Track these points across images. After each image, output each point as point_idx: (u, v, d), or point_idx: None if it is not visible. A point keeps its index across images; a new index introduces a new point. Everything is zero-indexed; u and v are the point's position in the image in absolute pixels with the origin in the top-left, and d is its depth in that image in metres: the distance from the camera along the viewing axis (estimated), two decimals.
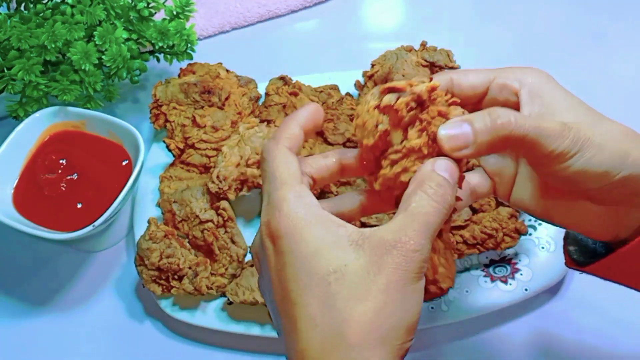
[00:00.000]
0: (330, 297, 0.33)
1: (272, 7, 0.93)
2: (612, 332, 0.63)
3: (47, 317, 0.68)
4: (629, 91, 0.83)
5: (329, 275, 0.33)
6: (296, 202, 0.36)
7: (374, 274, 0.33)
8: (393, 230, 0.34)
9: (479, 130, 0.36)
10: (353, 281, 0.33)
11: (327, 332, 0.33)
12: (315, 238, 0.34)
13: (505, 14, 0.93)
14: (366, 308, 0.33)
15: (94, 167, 0.68)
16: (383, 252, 0.33)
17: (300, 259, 0.34)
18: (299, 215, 0.35)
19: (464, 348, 0.63)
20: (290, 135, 0.39)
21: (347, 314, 0.33)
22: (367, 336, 0.33)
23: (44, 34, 0.68)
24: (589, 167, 0.36)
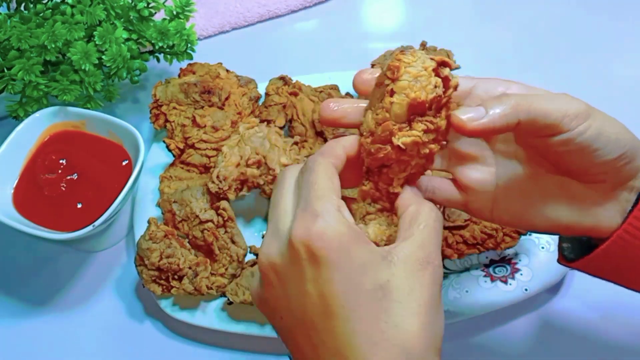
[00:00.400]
0: (383, 312, 0.33)
1: (272, 7, 0.93)
2: (612, 332, 0.63)
3: (47, 317, 0.68)
4: (628, 91, 0.83)
5: (377, 291, 0.34)
6: (339, 216, 0.35)
7: (418, 289, 0.34)
8: (420, 247, 0.35)
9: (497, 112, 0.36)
10: (401, 297, 0.34)
11: (392, 350, 0.33)
12: (360, 254, 0.34)
13: (506, 14, 0.93)
14: (421, 322, 0.34)
15: (94, 167, 0.68)
16: (418, 267, 0.34)
17: (349, 273, 0.34)
18: (344, 229, 0.34)
19: (464, 348, 0.63)
20: (337, 155, 0.39)
21: (407, 330, 0.33)
22: (429, 348, 0.34)
23: (44, 34, 0.68)
24: (600, 135, 0.36)
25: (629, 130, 0.38)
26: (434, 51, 0.75)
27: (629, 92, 0.83)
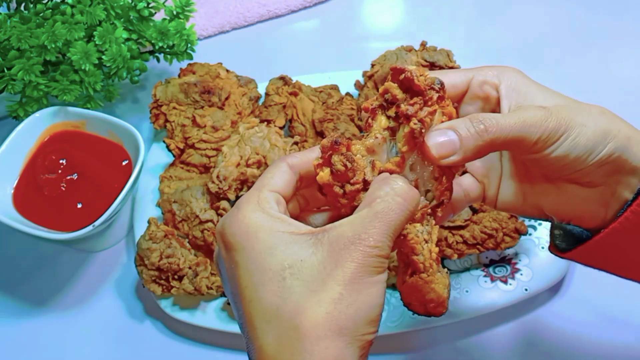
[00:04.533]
0: (285, 290, 0.33)
1: (272, 7, 0.93)
2: (612, 332, 0.63)
3: (47, 317, 0.68)
4: (628, 91, 0.83)
5: (284, 270, 0.34)
6: (255, 206, 0.36)
7: (331, 268, 0.33)
8: (354, 226, 0.34)
9: (464, 136, 0.37)
10: (308, 275, 0.34)
11: (282, 326, 0.33)
12: (270, 236, 0.35)
13: (505, 14, 0.93)
14: (321, 299, 0.33)
15: (94, 167, 0.68)
16: (341, 247, 0.34)
17: (253, 256, 0.35)
18: (254, 216, 0.36)
19: (464, 348, 0.63)
20: (302, 157, 0.40)
21: (302, 306, 0.33)
22: (323, 327, 0.33)
23: (44, 34, 0.68)
24: (576, 146, 0.37)
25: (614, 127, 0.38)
26: (434, 51, 0.75)
27: (629, 92, 0.83)
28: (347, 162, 0.36)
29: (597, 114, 0.38)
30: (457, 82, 0.42)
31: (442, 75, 0.41)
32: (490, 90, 0.41)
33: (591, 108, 0.39)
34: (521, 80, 0.41)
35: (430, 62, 0.73)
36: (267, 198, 0.37)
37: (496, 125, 0.37)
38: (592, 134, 0.37)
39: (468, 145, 0.37)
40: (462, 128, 0.37)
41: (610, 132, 0.38)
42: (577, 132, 0.37)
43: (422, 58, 0.74)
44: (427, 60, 0.74)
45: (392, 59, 0.74)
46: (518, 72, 0.41)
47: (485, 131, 0.37)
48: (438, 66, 0.73)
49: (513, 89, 0.40)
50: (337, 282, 0.33)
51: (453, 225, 0.63)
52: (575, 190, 0.41)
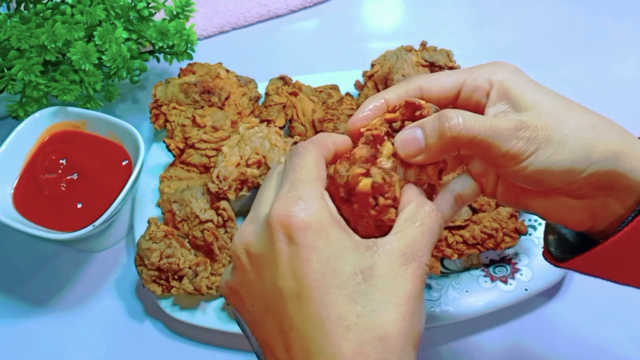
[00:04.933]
0: (361, 296, 0.33)
1: (272, 7, 0.93)
2: (612, 332, 0.63)
3: (47, 317, 0.68)
4: (628, 91, 0.83)
5: (357, 275, 0.33)
6: (322, 202, 0.35)
7: (402, 281, 0.34)
8: (408, 243, 0.35)
9: (429, 135, 0.37)
10: (382, 284, 0.33)
11: (367, 335, 0.32)
12: (340, 239, 0.34)
13: (505, 14, 0.93)
14: (402, 312, 0.33)
15: (94, 167, 0.68)
16: (404, 261, 0.34)
17: (328, 257, 0.33)
18: (326, 214, 0.35)
19: (464, 348, 0.63)
20: (327, 147, 0.39)
21: (387, 316, 0.33)
22: (406, 340, 0.33)
23: (44, 34, 0.68)
24: (550, 165, 0.36)
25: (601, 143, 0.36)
26: (434, 51, 0.75)
27: (629, 92, 0.83)
28: (387, 176, 0.37)
29: (583, 129, 0.37)
30: (448, 88, 0.41)
31: (432, 80, 0.41)
32: (481, 96, 0.40)
33: (579, 120, 0.37)
34: (514, 81, 0.39)
35: (430, 62, 0.73)
36: (326, 194, 0.36)
37: (461, 124, 0.36)
38: (570, 153, 0.36)
39: (432, 144, 0.37)
40: (428, 126, 0.37)
41: (596, 149, 0.36)
42: (552, 150, 0.36)
43: (422, 58, 0.74)
44: (427, 60, 0.74)
45: (392, 59, 0.74)
46: (513, 72, 0.40)
47: (449, 129, 0.36)
48: (438, 66, 0.73)
49: (503, 93, 0.39)
50: (413, 297, 0.34)
51: (453, 225, 0.63)
52: (562, 199, 0.40)
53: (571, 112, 0.38)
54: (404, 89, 0.41)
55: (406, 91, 0.41)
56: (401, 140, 0.38)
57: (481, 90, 0.40)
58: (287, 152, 0.67)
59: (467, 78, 0.41)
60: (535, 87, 0.39)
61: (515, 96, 0.39)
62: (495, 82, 0.40)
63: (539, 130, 0.36)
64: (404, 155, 0.38)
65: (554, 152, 0.36)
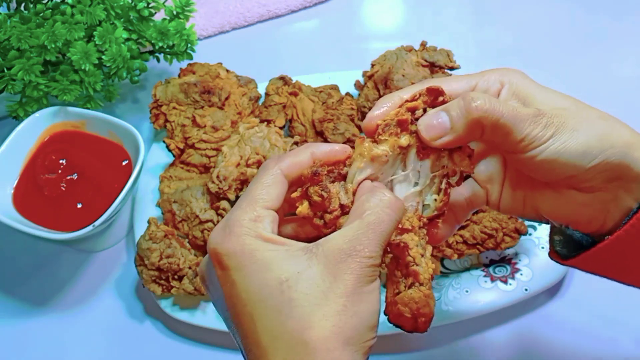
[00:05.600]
0: (286, 305, 0.33)
1: (272, 7, 0.93)
2: (612, 332, 0.63)
3: (47, 317, 0.68)
4: (628, 91, 0.83)
5: (282, 284, 0.34)
6: (250, 225, 0.36)
7: (330, 281, 0.34)
8: (348, 238, 0.35)
9: (455, 116, 0.37)
10: (308, 288, 0.34)
11: (291, 342, 0.33)
12: (266, 254, 0.35)
13: (505, 14, 0.93)
14: (326, 313, 0.33)
15: (94, 167, 0.68)
16: (338, 260, 0.34)
17: (250, 273, 0.35)
18: (250, 236, 0.36)
19: (464, 348, 0.63)
20: (295, 162, 0.39)
21: (308, 320, 0.33)
22: (331, 340, 0.33)
23: (44, 34, 0.68)
24: (565, 151, 0.37)
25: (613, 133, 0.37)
26: (434, 51, 0.75)
27: (629, 92, 0.83)
28: (323, 192, 0.38)
29: (595, 119, 0.38)
30: (460, 91, 0.41)
31: (444, 82, 0.41)
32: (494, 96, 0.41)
33: (590, 113, 0.38)
34: (522, 84, 0.40)
35: (430, 62, 0.73)
36: (261, 217, 0.37)
37: (487, 105, 0.37)
38: (585, 140, 0.37)
39: (459, 124, 0.37)
40: (453, 108, 0.38)
41: (608, 138, 0.37)
42: (567, 137, 0.37)
43: (422, 58, 0.74)
44: (427, 60, 0.74)
45: (392, 59, 0.74)
46: (520, 75, 0.41)
47: (476, 109, 0.37)
48: (438, 66, 0.73)
49: (516, 90, 0.40)
50: (339, 295, 0.34)
51: None
52: (573, 195, 0.40)
53: (580, 106, 0.39)
54: (417, 89, 0.42)
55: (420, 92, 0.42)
56: (425, 124, 0.38)
57: (493, 92, 0.41)
58: None
59: (479, 81, 0.41)
60: (543, 89, 0.40)
61: (526, 95, 0.40)
62: (507, 82, 0.40)
63: (554, 117, 0.37)
64: (430, 137, 0.38)
65: (569, 139, 0.37)
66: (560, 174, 0.38)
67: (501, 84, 0.41)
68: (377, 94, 0.73)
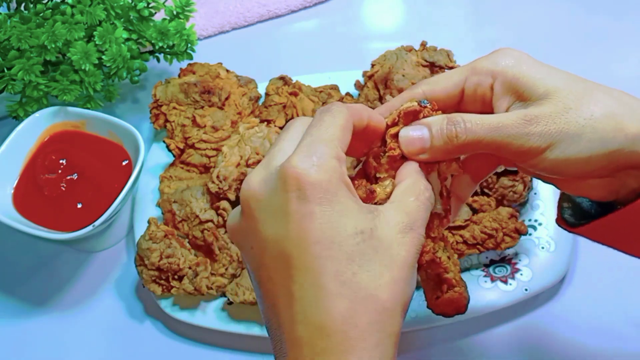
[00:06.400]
0: (358, 255, 0.33)
1: (272, 7, 0.93)
2: (611, 332, 0.63)
3: (47, 317, 0.68)
4: (628, 91, 0.82)
5: (357, 234, 0.34)
6: (336, 164, 0.35)
7: (397, 247, 0.34)
8: (407, 213, 0.36)
9: (435, 135, 0.37)
10: (380, 247, 0.34)
11: (359, 293, 0.33)
12: (346, 200, 0.34)
13: (505, 14, 0.93)
14: (395, 276, 0.34)
15: (94, 167, 0.68)
16: (402, 229, 0.35)
17: (331, 214, 0.34)
18: (336, 175, 0.35)
19: (464, 348, 0.63)
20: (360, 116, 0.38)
21: (378, 278, 0.33)
22: (396, 302, 0.34)
23: (44, 34, 0.68)
24: (566, 157, 0.36)
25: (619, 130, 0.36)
26: (434, 51, 0.75)
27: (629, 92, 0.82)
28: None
29: (600, 118, 0.36)
30: (450, 89, 0.41)
31: (434, 84, 0.41)
32: (485, 91, 0.40)
33: (595, 109, 0.36)
34: (519, 70, 0.38)
35: (430, 62, 0.73)
36: (342, 159, 0.36)
37: (468, 131, 0.37)
38: (587, 144, 0.36)
39: (437, 146, 0.37)
40: (435, 127, 0.38)
41: (613, 139, 0.36)
42: (567, 144, 0.36)
43: (422, 58, 0.74)
44: (427, 60, 0.74)
45: (392, 59, 0.74)
46: (517, 59, 0.39)
47: (455, 136, 0.37)
48: (438, 66, 0.73)
49: (509, 83, 0.38)
50: (404, 264, 0.34)
51: (453, 225, 0.63)
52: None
53: (587, 99, 0.37)
54: (408, 95, 0.41)
55: (411, 99, 0.41)
56: (406, 137, 0.38)
57: (484, 86, 0.40)
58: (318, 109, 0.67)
59: (468, 75, 0.40)
60: (545, 72, 0.38)
61: (523, 86, 0.38)
62: (499, 74, 0.39)
63: (550, 124, 0.36)
64: (407, 152, 0.38)
65: (569, 145, 0.36)
66: (565, 175, 0.38)
67: (492, 76, 0.39)
68: (377, 94, 0.73)
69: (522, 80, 0.38)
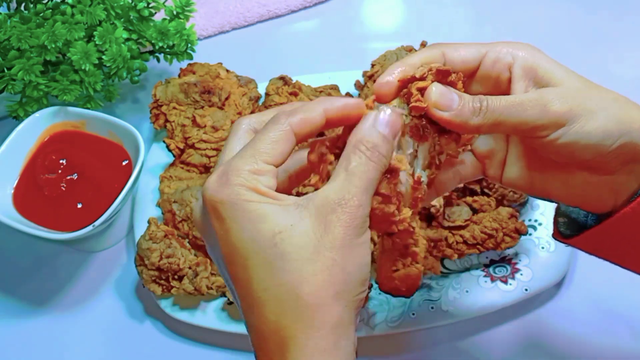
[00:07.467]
0: (279, 258, 0.33)
1: (272, 7, 0.93)
2: (612, 333, 0.63)
3: (47, 317, 0.68)
4: (628, 91, 0.82)
5: (275, 236, 0.34)
6: (248, 176, 0.35)
7: (321, 233, 0.33)
8: (336, 189, 0.34)
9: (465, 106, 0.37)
10: (300, 241, 0.33)
11: (282, 294, 0.33)
12: (260, 207, 0.34)
13: (505, 14, 0.93)
14: (317, 267, 0.33)
15: (94, 167, 0.68)
16: (328, 211, 0.34)
17: (244, 223, 0.34)
18: (245, 187, 0.35)
19: (464, 348, 0.63)
20: (306, 120, 0.37)
21: (299, 274, 0.33)
22: (322, 294, 0.33)
23: (44, 34, 0.68)
24: (583, 136, 0.37)
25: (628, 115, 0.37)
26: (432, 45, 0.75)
27: (629, 92, 0.82)
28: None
29: (610, 101, 0.37)
30: (469, 58, 0.41)
31: (453, 49, 0.41)
32: (502, 69, 0.40)
33: (604, 94, 0.38)
34: (538, 58, 0.39)
35: None
36: (261, 171, 0.35)
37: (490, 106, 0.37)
38: (602, 123, 0.37)
39: (463, 114, 0.37)
40: (466, 98, 0.38)
41: (624, 121, 0.37)
42: (584, 121, 0.37)
43: None
44: None
45: (392, 59, 0.74)
46: (534, 49, 0.40)
47: (480, 109, 0.37)
48: None
49: (530, 67, 0.39)
50: (329, 248, 0.33)
51: (453, 225, 0.63)
52: (585, 176, 0.40)
53: (596, 89, 0.39)
54: (426, 54, 0.41)
55: (429, 57, 0.41)
56: (439, 91, 0.37)
57: (503, 63, 0.40)
58: None
59: (489, 50, 0.41)
60: (560, 66, 0.39)
61: (543, 72, 0.39)
62: (520, 58, 0.40)
63: (570, 99, 0.37)
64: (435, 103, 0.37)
65: (586, 123, 0.37)
66: (581, 157, 0.38)
67: (513, 57, 0.40)
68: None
69: (542, 67, 0.39)
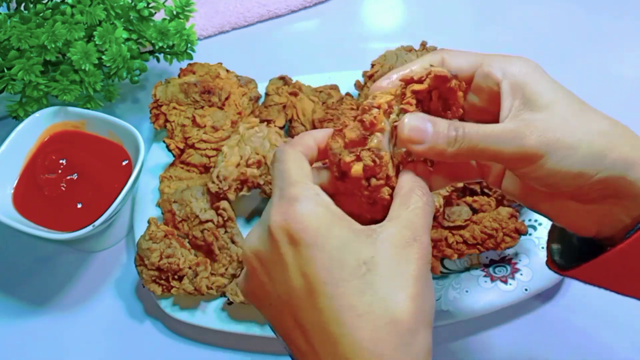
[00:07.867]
0: (369, 286, 0.34)
1: (272, 7, 0.93)
2: (611, 333, 0.63)
3: (47, 317, 0.68)
4: (629, 91, 0.83)
5: (361, 266, 0.34)
6: (317, 198, 0.36)
7: (405, 264, 0.34)
8: (405, 226, 0.36)
9: (440, 134, 0.37)
10: (387, 271, 0.34)
11: (377, 322, 0.33)
12: (340, 233, 0.35)
13: (506, 14, 0.93)
14: (409, 294, 0.34)
15: (94, 167, 0.68)
16: (405, 244, 0.35)
17: (330, 252, 0.34)
18: (322, 210, 0.35)
19: (464, 348, 0.63)
20: (306, 145, 0.40)
21: (395, 301, 0.34)
22: (417, 320, 0.34)
23: (44, 34, 0.68)
24: (560, 169, 0.36)
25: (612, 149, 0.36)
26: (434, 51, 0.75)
27: (629, 92, 0.83)
28: (377, 158, 0.38)
29: (595, 134, 0.36)
30: (464, 67, 0.41)
31: (452, 56, 0.41)
32: (492, 85, 0.40)
33: (591, 124, 0.37)
34: (531, 76, 0.39)
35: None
36: (318, 189, 0.36)
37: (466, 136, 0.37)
38: (580, 159, 0.36)
39: (437, 146, 0.37)
40: (441, 127, 0.37)
41: (606, 156, 0.36)
42: (563, 154, 0.36)
43: None
44: None
45: (392, 59, 0.74)
46: (529, 65, 0.39)
47: (455, 140, 0.37)
48: None
49: (518, 86, 0.39)
50: (415, 278, 0.34)
51: (453, 225, 0.63)
52: (568, 202, 0.40)
53: (585, 117, 0.37)
54: (427, 60, 0.41)
55: (430, 63, 0.41)
56: (410, 126, 0.37)
57: (493, 78, 0.40)
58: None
59: (484, 62, 0.41)
60: (552, 86, 0.39)
61: (530, 93, 0.38)
62: (509, 74, 0.39)
63: (549, 132, 0.36)
64: (407, 139, 0.37)
65: (565, 157, 0.36)
66: (556, 188, 0.38)
67: (503, 74, 0.39)
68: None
69: (530, 86, 0.38)
